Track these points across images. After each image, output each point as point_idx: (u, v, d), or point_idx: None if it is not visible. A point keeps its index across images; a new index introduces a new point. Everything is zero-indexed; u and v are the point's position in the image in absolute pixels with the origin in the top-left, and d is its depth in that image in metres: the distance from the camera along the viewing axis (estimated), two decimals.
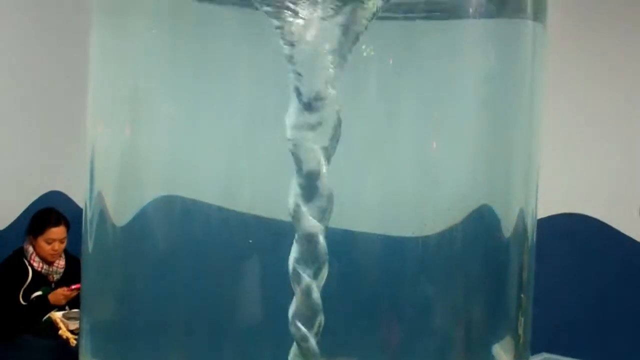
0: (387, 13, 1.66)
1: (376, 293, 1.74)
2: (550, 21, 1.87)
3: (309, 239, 1.58)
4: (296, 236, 1.59)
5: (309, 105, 1.57)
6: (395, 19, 1.71)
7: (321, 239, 1.59)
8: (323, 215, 1.59)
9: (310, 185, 1.58)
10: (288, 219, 1.62)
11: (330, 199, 1.59)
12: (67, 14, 4.81)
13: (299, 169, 1.58)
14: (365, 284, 1.73)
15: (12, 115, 4.61)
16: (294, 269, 1.59)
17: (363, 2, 1.60)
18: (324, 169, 1.58)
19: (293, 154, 1.58)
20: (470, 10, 1.77)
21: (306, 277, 1.59)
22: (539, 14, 1.81)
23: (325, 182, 1.58)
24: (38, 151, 4.79)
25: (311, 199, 1.58)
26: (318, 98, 1.57)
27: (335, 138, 1.59)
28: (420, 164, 1.75)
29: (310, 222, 1.58)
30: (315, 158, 1.58)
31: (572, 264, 4.97)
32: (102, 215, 1.76)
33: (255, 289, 1.71)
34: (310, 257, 1.59)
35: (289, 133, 1.58)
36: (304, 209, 1.58)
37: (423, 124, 1.74)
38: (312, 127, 1.58)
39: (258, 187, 1.73)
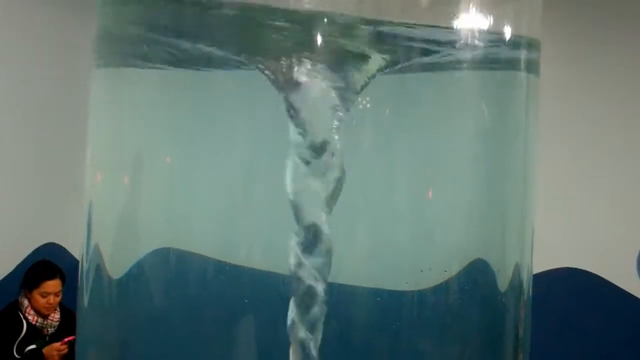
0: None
1: (370, 346, 1.73)
2: (546, 75, 1.91)
3: (308, 296, 1.61)
4: (294, 295, 1.62)
5: (312, 152, 1.60)
6: (391, 74, 1.74)
7: (320, 294, 1.61)
8: (322, 271, 1.62)
9: (309, 241, 1.61)
10: (285, 271, 1.64)
11: (329, 254, 1.62)
12: (68, 69, 4.87)
13: (299, 225, 1.61)
14: (359, 337, 1.73)
15: (9, 167, 4.62)
16: (292, 325, 1.61)
17: (366, 62, 1.64)
18: (325, 224, 1.61)
19: (293, 207, 1.60)
20: (465, 64, 1.79)
21: (303, 334, 1.60)
22: (532, 67, 1.84)
23: (326, 239, 1.61)
24: (34, 203, 4.79)
25: (310, 254, 1.61)
26: (322, 146, 1.60)
27: (337, 190, 1.62)
28: (416, 219, 1.76)
29: (309, 280, 1.61)
30: (316, 211, 1.61)
31: (568, 319, 4.94)
32: (99, 268, 1.76)
33: (252, 343, 1.71)
34: (308, 311, 1.61)
35: (289, 187, 1.60)
36: (304, 263, 1.61)
37: (418, 179, 1.76)
38: (314, 178, 1.60)
39: (255, 240, 1.73)
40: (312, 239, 1.62)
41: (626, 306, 4.95)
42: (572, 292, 5.00)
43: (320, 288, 1.63)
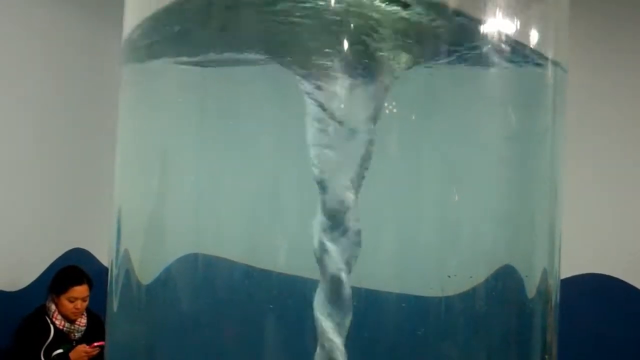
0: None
1: (396, 353, 1.73)
2: (576, 79, 1.90)
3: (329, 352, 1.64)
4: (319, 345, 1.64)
5: (332, 217, 1.63)
6: (418, 77, 1.75)
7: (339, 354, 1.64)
8: (342, 325, 1.65)
9: (333, 292, 1.63)
10: (311, 276, 1.65)
11: (349, 310, 1.65)
12: (94, 72, 4.91)
13: (324, 275, 1.64)
14: (385, 344, 1.72)
15: (37, 172, 4.67)
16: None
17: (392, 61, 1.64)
18: (345, 278, 1.63)
19: (318, 262, 1.63)
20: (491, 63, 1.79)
21: None
22: (559, 78, 1.84)
23: (348, 292, 1.64)
24: (62, 209, 4.84)
25: (333, 308, 1.63)
26: (341, 209, 1.63)
27: (357, 246, 1.65)
28: (443, 224, 1.76)
29: (332, 338, 1.64)
30: (338, 268, 1.63)
31: (595, 325, 4.91)
32: (128, 273, 1.77)
33: (279, 347, 1.71)
34: None
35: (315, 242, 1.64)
36: (325, 325, 1.64)
37: (445, 184, 1.76)
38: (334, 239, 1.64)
39: (282, 245, 1.74)
40: (334, 292, 1.65)
41: None
42: (597, 298, 4.97)
43: (338, 343, 1.65)
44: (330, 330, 1.64)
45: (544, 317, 1.82)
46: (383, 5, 1.63)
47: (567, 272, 2.27)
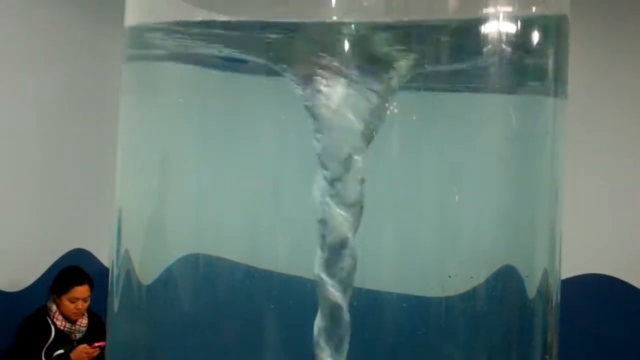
0: (413, 83, 1.70)
1: (397, 353, 1.73)
2: (576, 79, 1.90)
3: (332, 310, 1.62)
4: (320, 305, 1.63)
5: (333, 182, 1.62)
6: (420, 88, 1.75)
7: (345, 311, 1.63)
8: (347, 285, 1.64)
9: (335, 256, 1.62)
10: (312, 276, 1.65)
11: (353, 269, 1.63)
12: (94, 72, 4.91)
13: (324, 240, 1.63)
14: (386, 344, 1.73)
15: (37, 173, 4.67)
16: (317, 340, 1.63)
17: (393, 67, 1.65)
18: (350, 239, 1.62)
19: (320, 223, 1.62)
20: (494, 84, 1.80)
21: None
22: (560, 83, 1.84)
23: (351, 252, 1.63)
24: (63, 209, 4.83)
25: (335, 269, 1.62)
26: (341, 174, 1.63)
27: (359, 209, 1.64)
28: (444, 225, 1.76)
29: (334, 295, 1.62)
30: (342, 229, 1.62)
31: (596, 325, 4.91)
32: (129, 274, 1.78)
33: (280, 348, 1.72)
34: (333, 328, 1.63)
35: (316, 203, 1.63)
36: (327, 280, 1.62)
37: (446, 187, 1.76)
38: (338, 199, 1.63)
39: (282, 245, 1.74)
40: (337, 254, 1.64)
41: None
42: (597, 298, 4.97)
43: (343, 306, 1.65)
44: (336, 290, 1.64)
45: (544, 317, 1.82)
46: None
47: (567, 272, 2.28)
